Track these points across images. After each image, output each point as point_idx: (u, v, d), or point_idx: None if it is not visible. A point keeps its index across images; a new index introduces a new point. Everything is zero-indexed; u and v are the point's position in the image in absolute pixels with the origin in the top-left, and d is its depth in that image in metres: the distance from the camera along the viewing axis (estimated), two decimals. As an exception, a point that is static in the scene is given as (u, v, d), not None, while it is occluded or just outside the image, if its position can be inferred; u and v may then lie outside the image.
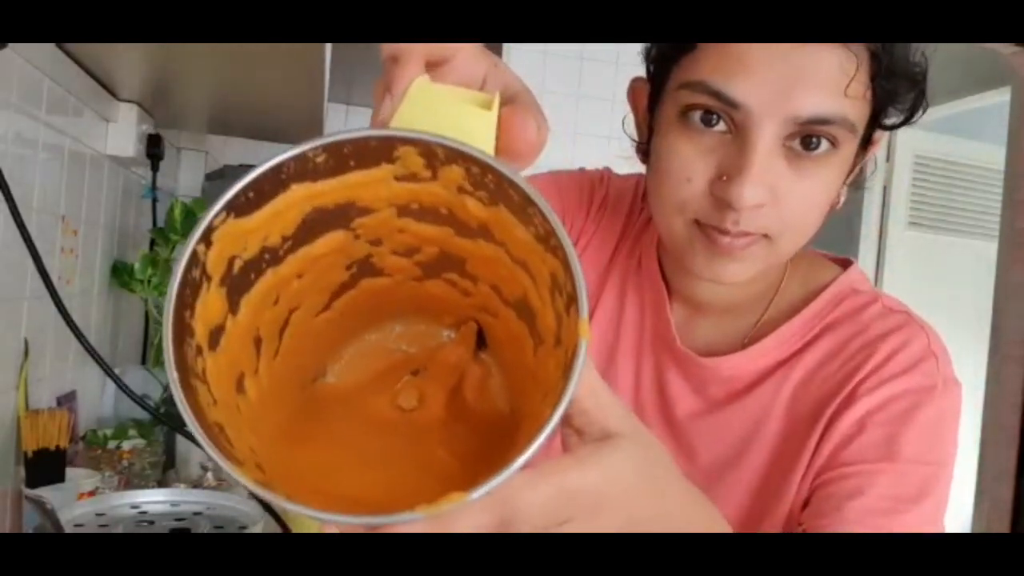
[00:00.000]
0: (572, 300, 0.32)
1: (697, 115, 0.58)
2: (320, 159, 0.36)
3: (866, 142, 0.63)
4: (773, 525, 0.65)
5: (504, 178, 0.33)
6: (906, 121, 0.64)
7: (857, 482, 0.60)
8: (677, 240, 0.62)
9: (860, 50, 0.57)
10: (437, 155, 0.34)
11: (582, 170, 0.83)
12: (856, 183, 0.68)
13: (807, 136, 0.57)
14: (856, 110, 0.57)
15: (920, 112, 0.65)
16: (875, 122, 0.62)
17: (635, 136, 0.69)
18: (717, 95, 0.56)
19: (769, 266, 0.63)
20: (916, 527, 0.64)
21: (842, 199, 0.67)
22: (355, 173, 0.35)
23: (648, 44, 0.66)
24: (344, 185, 0.35)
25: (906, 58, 0.60)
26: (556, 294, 0.34)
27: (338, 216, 0.36)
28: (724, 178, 0.57)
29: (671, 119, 0.60)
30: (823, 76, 0.56)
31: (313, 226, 0.36)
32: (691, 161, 0.58)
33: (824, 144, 0.57)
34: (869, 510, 0.59)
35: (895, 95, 0.60)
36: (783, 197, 0.58)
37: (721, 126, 0.58)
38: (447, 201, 0.35)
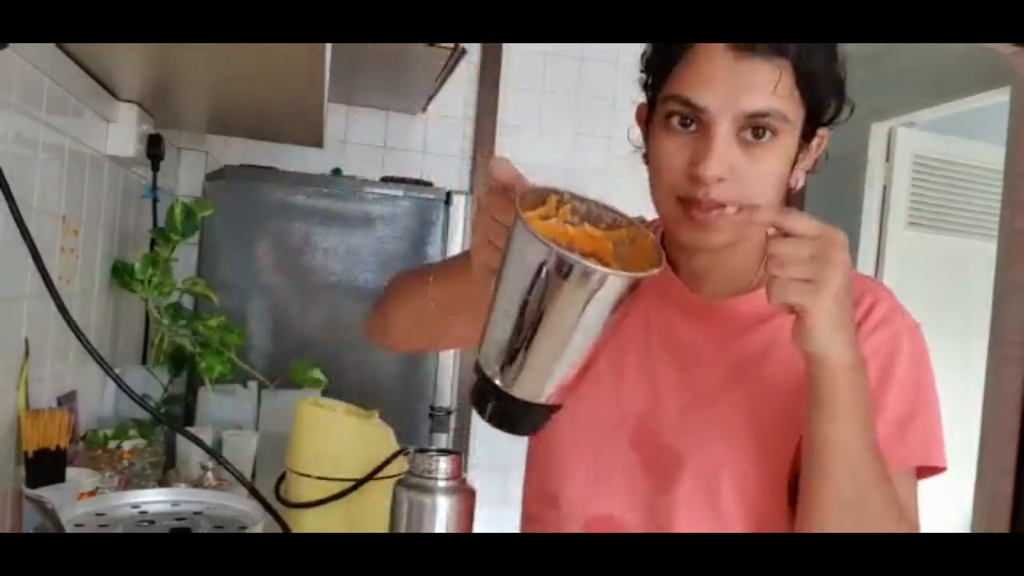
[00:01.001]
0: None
1: (676, 120, 0.79)
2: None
3: (809, 136, 0.82)
4: (791, 433, 0.81)
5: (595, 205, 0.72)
6: (831, 120, 0.83)
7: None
8: (669, 218, 0.82)
9: (784, 62, 0.76)
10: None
11: None
12: (814, 170, 0.86)
13: (754, 127, 0.76)
14: (786, 106, 0.77)
15: (841, 114, 0.84)
16: (813, 120, 0.81)
17: (640, 145, 0.87)
18: (687, 103, 0.77)
19: (737, 235, 0.81)
20: (919, 441, 0.85)
21: (799, 183, 0.84)
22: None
23: (642, 72, 0.85)
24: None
25: (826, 68, 0.80)
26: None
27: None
28: (695, 162, 0.77)
29: (659, 125, 0.80)
30: (758, 82, 0.76)
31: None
32: (672, 153, 0.79)
33: (767, 134, 0.77)
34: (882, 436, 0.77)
35: (820, 98, 0.80)
36: (740, 174, 0.77)
37: (693, 127, 0.78)
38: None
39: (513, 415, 0.71)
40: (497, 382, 0.69)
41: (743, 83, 0.75)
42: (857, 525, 0.75)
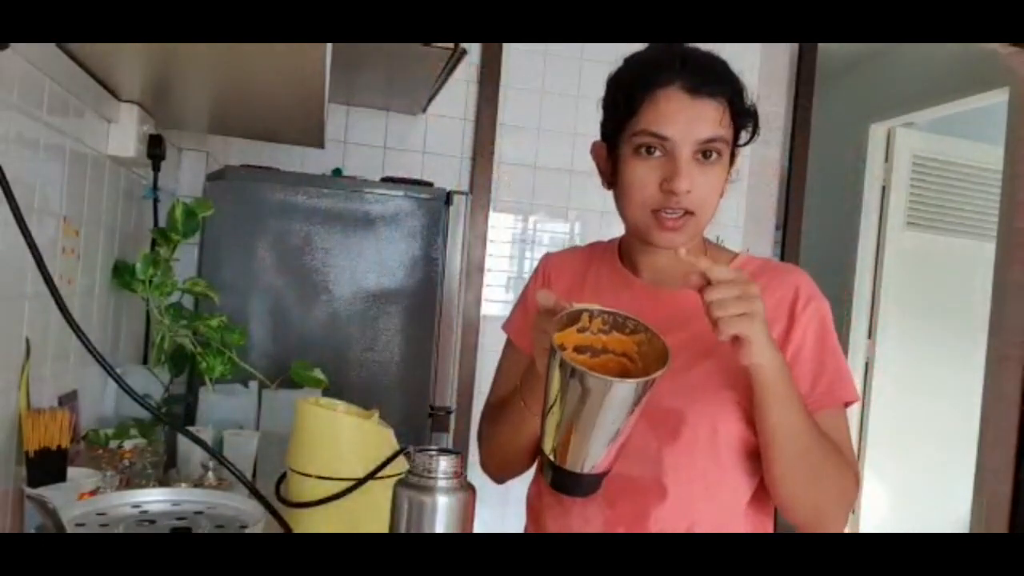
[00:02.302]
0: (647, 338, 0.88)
1: (644, 149, 1.01)
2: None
3: (734, 156, 1.06)
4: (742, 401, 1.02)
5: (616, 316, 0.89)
6: (748, 141, 1.07)
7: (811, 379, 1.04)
8: (643, 227, 1.03)
9: (723, 100, 1.00)
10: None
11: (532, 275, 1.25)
12: (731, 180, 1.08)
13: (705, 151, 1.00)
14: (726, 134, 1.01)
15: (754, 136, 1.08)
16: (736, 143, 1.05)
17: (600, 175, 1.12)
18: (655, 135, 0.99)
19: (695, 236, 1.05)
20: (848, 383, 1.06)
21: (725, 191, 1.06)
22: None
23: (603, 117, 1.08)
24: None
25: (746, 103, 1.04)
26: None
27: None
28: (667, 180, 0.99)
29: (630, 154, 1.02)
30: (708, 117, 0.99)
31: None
32: (646, 174, 1.01)
33: (714, 155, 1.01)
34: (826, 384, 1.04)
35: (743, 127, 1.05)
36: (698, 187, 1.00)
37: (657, 154, 1.00)
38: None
39: (568, 482, 0.91)
40: (552, 458, 0.90)
41: (697, 117, 0.98)
42: (810, 473, 0.99)
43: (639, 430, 0.98)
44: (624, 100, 1.02)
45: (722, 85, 1.00)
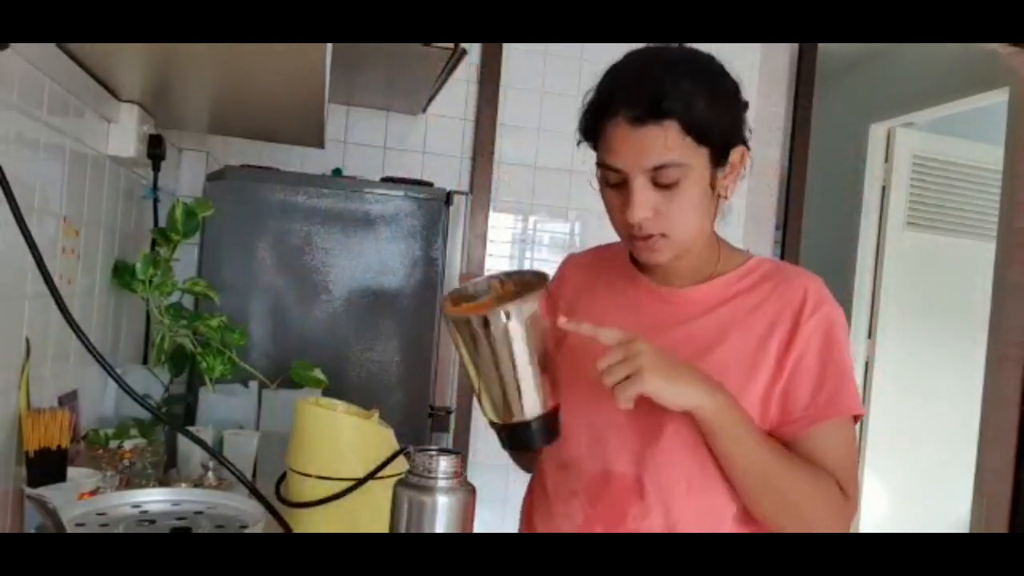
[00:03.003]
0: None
1: (609, 178, 1.02)
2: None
3: (721, 161, 1.02)
4: (743, 396, 1.00)
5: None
6: (734, 143, 1.04)
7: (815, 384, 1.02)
8: (627, 245, 1.08)
9: (670, 122, 0.96)
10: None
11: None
12: (741, 176, 1.08)
13: (660, 177, 0.98)
14: (681, 153, 0.97)
15: (743, 134, 1.06)
16: (720, 150, 1.01)
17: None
18: (609, 167, 1.00)
19: (679, 253, 1.04)
20: (854, 395, 1.04)
21: (728, 191, 1.06)
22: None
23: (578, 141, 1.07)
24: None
25: (709, 111, 0.97)
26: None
27: None
28: (624, 209, 1.00)
29: (602, 183, 1.05)
30: (651, 144, 0.96)
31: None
32: (613, 204, 1.04)
33: (672, 178, 0.98)
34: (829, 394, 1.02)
35: (712, 135, 0.98)
36: (662, 211, 0.99)
37: (619, 183, 1.01)
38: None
39: (522, 436, 0.93)
40: (495, 419, 0.93)
41: (640, 147, 0.97)
42: (778, 499, 0.99)
43: (618, 424, 1.04)
44: (585, 132, 1.05)
45: (668, 108, 0.95)
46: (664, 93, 0.95)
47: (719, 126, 0.99)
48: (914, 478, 3.81)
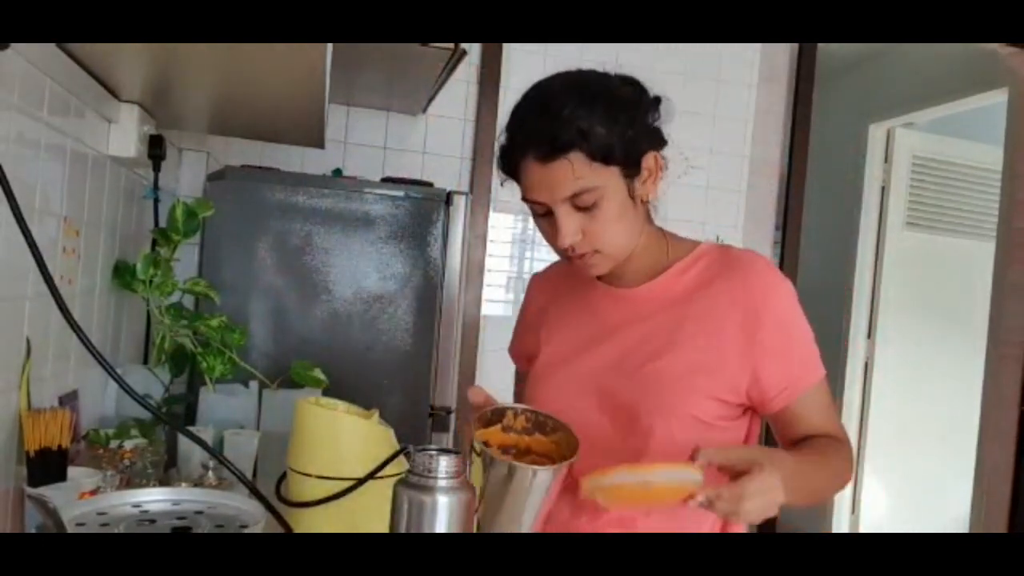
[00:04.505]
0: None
1: (536, 211, 1.08)
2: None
3: (635, 171, 1.06)
4: (712, 388, 1.07)
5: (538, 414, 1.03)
6: (645, 151, 1.06)
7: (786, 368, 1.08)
8: (568, 263, 1.12)
9: (574, 153, 1.01)
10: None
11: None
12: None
13: (578, 203, 1.03)
14: (590, 178, 1.02)
15: (654, 143, 1.09)
16: (630, 164, 1.05)
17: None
18: (531, 202, 1.07)
19: (617, 259, 1.10)
20: (817, 360, 1.11)
21: (652, 196, 1.10)
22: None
23: (500, 174, 1.12)
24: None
25: (608, 132, 1.02)
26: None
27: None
28: (555, 236, 1.06)
29: (533, 214, 1.10)
30: (559, 177, 1.02)
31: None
32: (546, 231, 1.09)
33: (590, 201, 1.03)
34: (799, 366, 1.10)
35: (615, 152, 1.02)
36: (589, 231, 1.05)
37: (544, 212, 1.06)
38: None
39: None
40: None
41: (553, 181, 1.02)
42: (821, 494, 1.07)
43: (599, 423, 1.10)
44: (504, 172, 1.10)
45: (568, 142, 1.00)
46: (561, 129, 1.00)
47: (622, 143, 1.03)
48: (914, 478, 3.82)
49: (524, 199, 1.08)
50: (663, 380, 1.08)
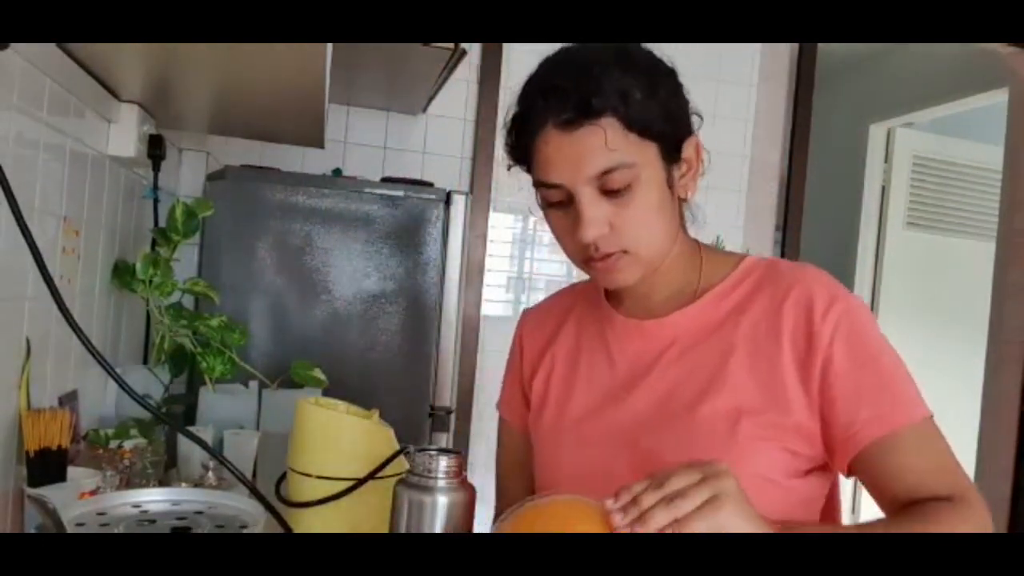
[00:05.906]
0: None
1: (552, 197, 0.88)
2: None
3: (674, 156, 0.89)
4: (773, 434, 0.86)
5: None
6: (686, 134, 0.91)
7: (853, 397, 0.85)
8: (585, 271, 0.92)
9: (608, 119, 0.82)
10: None
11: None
12: (701, 174, 0.94)
13: (608, 183, 0.84)
14: (626, 153, 0.83)
15: (692, 125, 0.92)
16: (670, 144, 0.88)
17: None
18: (546, 184, 0.86)
19: (650, 265, 0.90)
20: (912, 397, 0.86)
21: (688, 192, 0.93)
22: None
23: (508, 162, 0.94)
24: None
25: (649, 102, 0.84)
26: None
27: None
28: (576, 230, 0.86)
29: (544, 207, 0.90)
30: (590, 147, 0.82)
31: None
32: (561, 228, 0.89)
33: (622, 182, 0.84)
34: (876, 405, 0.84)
35: (658, 127, 0.85)
36: (618, 224, 0.86)
37: (563, 201, 0.87)
38: None
39: None
40: None
41: (578, 153, 0.83)
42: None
43: (616, 467, 0.90)
44: (516, 149, 0.90)
45: (602, 103, 0.81)
46: (594, 87, 0.81)
47: (665, 115, 0.86)
48: (914, 478, 3.81)
49: (536, 184, 0.88)
50: (709, 430, 0.87)
